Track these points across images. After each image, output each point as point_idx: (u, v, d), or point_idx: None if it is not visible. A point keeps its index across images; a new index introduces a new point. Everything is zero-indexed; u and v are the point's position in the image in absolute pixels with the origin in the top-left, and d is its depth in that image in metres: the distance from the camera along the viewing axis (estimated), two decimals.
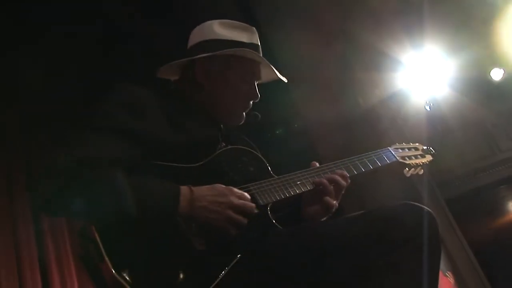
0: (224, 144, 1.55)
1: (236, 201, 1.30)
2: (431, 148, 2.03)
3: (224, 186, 1.32)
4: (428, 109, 3.31)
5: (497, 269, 3.97)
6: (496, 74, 4.35)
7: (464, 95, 4.22)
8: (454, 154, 4.10)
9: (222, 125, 1.62)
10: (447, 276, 3.45)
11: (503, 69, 4.32)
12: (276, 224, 1.43)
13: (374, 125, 3.74)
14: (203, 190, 1.28)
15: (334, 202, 1.53)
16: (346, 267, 1.26)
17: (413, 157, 1.96)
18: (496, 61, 4.28)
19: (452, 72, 4.05)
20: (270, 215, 1.43)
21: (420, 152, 2.01)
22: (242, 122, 1.65)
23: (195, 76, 1.57)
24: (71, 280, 3.24)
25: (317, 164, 1.61)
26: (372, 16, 3.79)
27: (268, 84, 1.76)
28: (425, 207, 1.31)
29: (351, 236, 1.26)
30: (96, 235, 1.16)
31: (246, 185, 1.41)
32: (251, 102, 1.63)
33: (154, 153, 1.32)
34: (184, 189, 1.26)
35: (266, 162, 1.57)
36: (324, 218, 1.56)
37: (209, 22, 1.64)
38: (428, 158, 2.00)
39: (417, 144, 2.05)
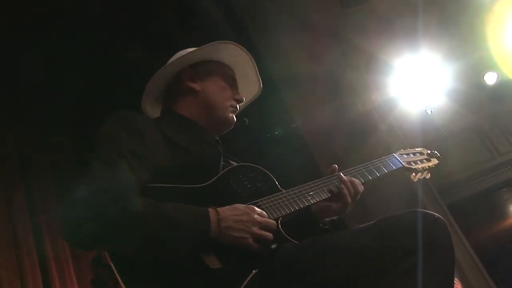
0: (225, 159, 1.55)
1: (259, 218, 1.31)
2: (436, 152, 2.03)
3: (244, 205, 1.33)
4: (430, 113, 3.32)
5: (503, 273, 3.94)
6: (490, 78, 4.39)
7: (460, 100, 4.24)
8: (454, 159, 4.10)
9: (218, 138, 1.65)
10: (454, 283, 3.42)
11: (497, 73, 4.36)
12: (288, 237, 1.43)
13: (371, 131, 3.73)
14: (226, 211, 1.29)
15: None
16: (360, 277, 1.26)
17: (418, 162, 1.97)
18: (489, 65, 4.32)
19: (448, 77, 4.07)
20: (281, 229, 1.42)
21: (425, 157, 2.01)
22: (232, 127, 1.70)
23: (186, 83, 1.65)
24: (71, 281, 3.21)
25: (337, 167, 1.64)
26: (370, 21, 3.81)
27: (264, 90, 1.82)
28: (435, 214, 1.31)
29: (364, 246, 1.27)
30: (110, 261, 1.15)
31: (255, 201, 1.42)
32: (238, 105, 1.70)
33: (159, 176, 1.32)
34: (211, 211, 1.27)
35: (273, 177, 1.57)
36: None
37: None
38: (434, 161, 2.00)
39: (421, 148, 2.06)
